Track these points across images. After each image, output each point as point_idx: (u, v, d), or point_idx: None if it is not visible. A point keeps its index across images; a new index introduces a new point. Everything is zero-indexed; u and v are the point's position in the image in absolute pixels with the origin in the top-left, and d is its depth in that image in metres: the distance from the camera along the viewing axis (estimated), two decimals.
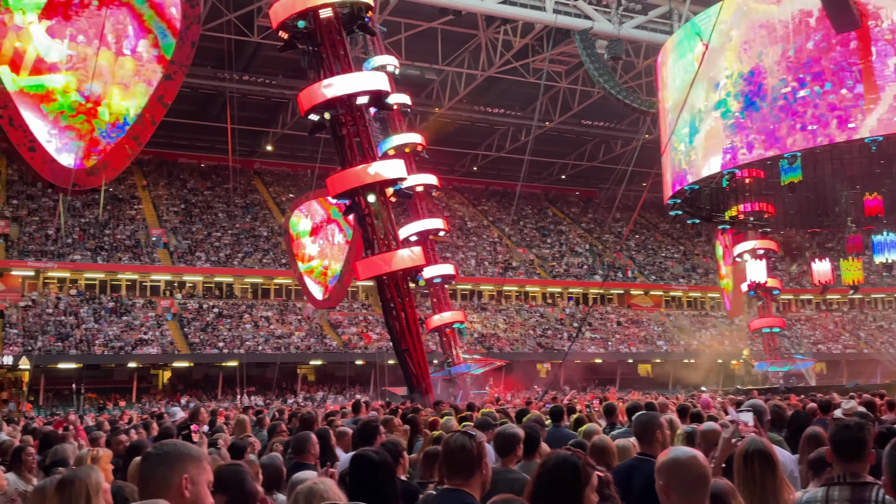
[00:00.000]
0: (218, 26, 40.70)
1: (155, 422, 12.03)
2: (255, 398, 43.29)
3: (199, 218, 56.41)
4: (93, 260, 48.47)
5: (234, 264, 52.36)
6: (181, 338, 45.38)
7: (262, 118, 57.36)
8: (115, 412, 35.09)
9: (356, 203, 23.40)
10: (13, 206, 50.87)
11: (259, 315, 49.61)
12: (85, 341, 42.54)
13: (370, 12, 24.05)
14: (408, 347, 23.06)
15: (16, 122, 20.12)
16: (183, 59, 22.08)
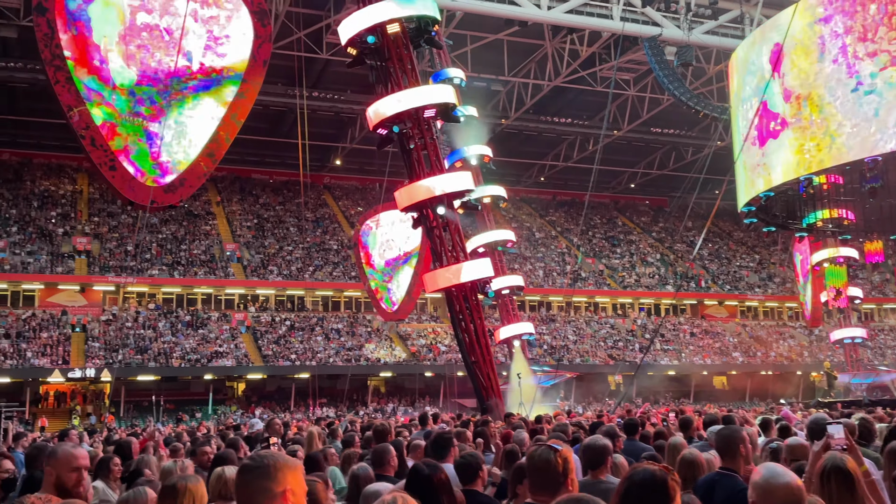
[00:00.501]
0: (288, 44, 41.55)
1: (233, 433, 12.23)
2: (327, 410, 43.77)
3: (271, 232, 57.52)
4: (170, 275, 49.85)
5: (305, 277, 53.17)
6: (255, 350, 46.25)
7: (331, 133, 58.24)
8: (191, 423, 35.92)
9: (424, 216, 23.49)
10: (94, 224, 52.74)
11: (330, 327, 50.23)
12: (163, 354, 43.73)
13: (436, 26, 24.18)
14: (477, 359, 22.98)
15: (97, 141, 20.82)
16: (255, 78, 22.55)
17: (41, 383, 42.11)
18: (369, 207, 47.34)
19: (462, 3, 40.31)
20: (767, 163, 31.05)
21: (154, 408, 41.18)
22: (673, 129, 60.78)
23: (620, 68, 49.19)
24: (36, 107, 50.37)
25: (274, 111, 53.01)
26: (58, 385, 42.81)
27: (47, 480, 3.95)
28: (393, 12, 22.08)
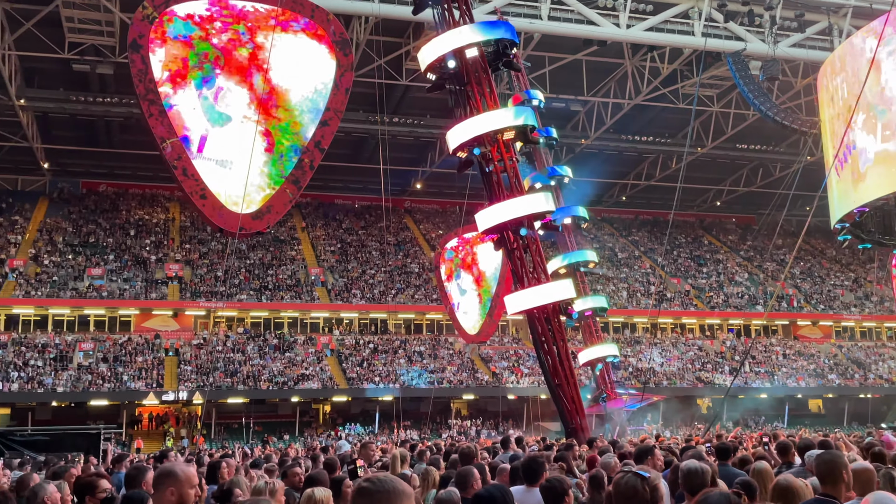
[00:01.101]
0: (369, 72, 42.30)
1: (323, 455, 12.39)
2: (411, 432, 43.92)
3: (354, 256, 58.41)
4: (258, 299, 51.10)
5: (388, 300, 53.70)
6: (339, 373, 46.88)
7: (411, 158, 58.97)
8: (279, 445, 36.59)
9: (504, 237, 23.46)
10: (186, 251, 54.59)
11: (412, 350, 50.53)
12: (251, 377, 44.77)
13: (515, 49, 24.26)
14: (561, 382, 22.70)
15: (189, 171, 21.60)
16: (338, 105, 23.05)
17: (137, 406, 43.63)
18: (450, 230, 47.62)
19: (540, 26, 40.40)
20: (862, 177, 29.94)
21: (244, 430, 42.17)
22: (760, 145, 59.23)
23: (703, 84, 48.36)
24: (131, 139, 52.69)
25: (356, 137, 54.05)
26: (152, 407, 44.27)
27: (167, 499, 4.04)
28: (471, 37, 22.26)
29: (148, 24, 20.67)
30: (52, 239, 53.13)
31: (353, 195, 64.46)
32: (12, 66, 44.09)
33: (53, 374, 42.26)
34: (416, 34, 43.37)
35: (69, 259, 51.25)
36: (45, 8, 39.90)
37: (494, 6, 37.42)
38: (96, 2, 39.31)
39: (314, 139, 23.28)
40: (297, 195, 24.51)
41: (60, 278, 49.00)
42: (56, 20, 40.84)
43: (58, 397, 41.66)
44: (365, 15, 40.05)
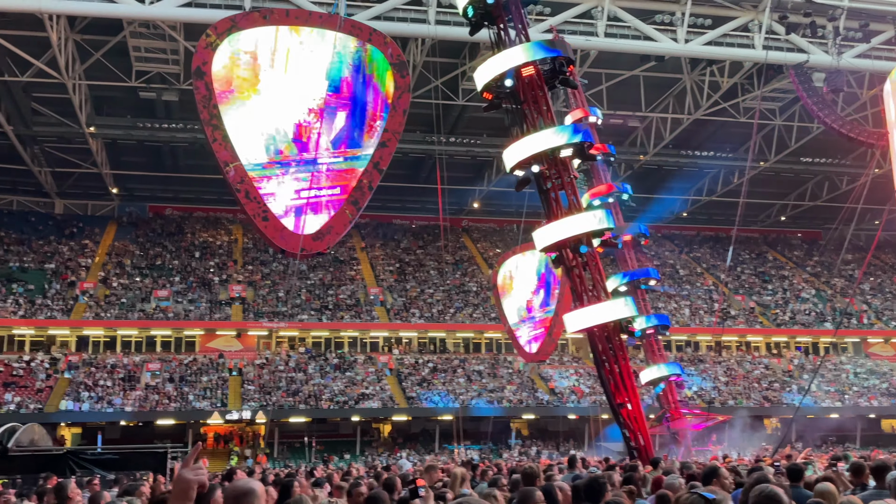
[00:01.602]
0: (426, 93, 42.72)
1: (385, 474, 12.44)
2: (471, 452, 43.73)
3: (412, 276, 58.71)
4: (318, 319, 51.69)
5: (446, 319, 53.78)
6: (399, 392, 47.02)
7: (468, 177, 59.17)
8: (340, 464, 36.81)
9: (563, 255, 23.32)
10: (248, 272, 55.61)
11: (471, 369, 50.43)
12: (313, 396, 45.21)
13: (571, 67, 24.22)
14: (623, 401, 22.39)
15: (251, 194, 22.07)
16: (396, 127, 23.33)
17: (202, 425, 44.41)
18: (507, 249, 47.54)
19: (596, 43, 40.27)
20: None
21: (306, 449, 42.58)
22: (825, 158, 57.79)
23: (765, 98, 47.49)
24: (195, 164, 54.08)
25: (413, 158, 54.52)
26: (217, 427, 45.02)
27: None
28: (528, 56, 22.30)
29: (211, 51, 21.26)
30: (120, 262, 54.69)
31: (411, 215, 64.90)
32: (82, 95, 45.73)
33: (122, 393, 43.36)
34: (471, 54, 43.65)
35: (137, 281, 52.66)
36: (113, 38, 41.34)
37: (550, 25, 37.43)
38: (162, 31, 40.58)
39: (373, 160, 23.57)
40: (357, 216, 24.81)
41: (128, 300, 50.36)
42: (123, 50, 42.27)
43: (126, 416, 42.69)
44: (421, 37, 40.47)
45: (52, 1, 35.72)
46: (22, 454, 22.53)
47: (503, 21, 22.90)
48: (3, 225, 55.68)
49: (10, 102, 46.15)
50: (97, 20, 39.82)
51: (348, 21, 23.87)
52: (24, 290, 49.53)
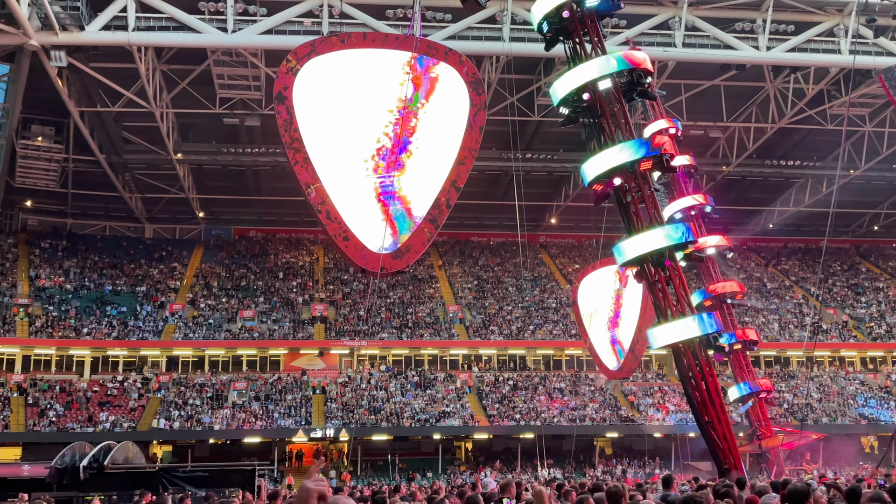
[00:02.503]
0: (501, 110, 42.74)
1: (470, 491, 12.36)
2: (554, 471, 43.20)
3: (490, 293, 58.60)
4: (398, 337, 52.07)
5: (526, 336, 53.43)
6: (480, 410, 46.86)
7: (545, 193, 58.84)
8: (423, 482, 36.84)
9: (645, 270, 22.90)
10: (330, 291, 56.48)
11: (552, 386, 49.90)
12: (395, 414, 45.47)
13: (649, 78, 23.87)
14: (711, 419, 21.76)
15: (332, 215, 22.42)
16: (472, 145, 23.38)
17: (287, 443, 45.17)
18: (587, 264, 47.00)
19: (674, 53, 39.67)
20: None
21: (390, 466, 42.80)
22: None
23: (854, 104, 45.84)
24: (277, 187, 55.35)
25: (489, 175, 54.53)
26: (301, 444, 45.70)
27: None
28: (604, 69, 22.08)
29: (292, 76, 21.76)
30: (207, 283, 56.29)
31: (489, 232, 64.88)
32: (170, 123, 47.45)
33: (210, 412, 44.47)
34: (547, 70, 43.52)
35: (223, 302, 54.08)
36: (197, 67, 42.83)
37: (627, 37, 37.02)
38: (244, 59, 41.81)
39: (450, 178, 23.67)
40: (435, 234, 24.92)
41: (215, 321, 51.75)
42: (208, 78, 43.71)
43: (215, 435, 43.76)
44: (496, 54, 40.58)
45: (140, 34, 37.25)
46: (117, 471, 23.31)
47: (579, 35, 22.75)
48: (96, 250, 58.04)
49: (103, 132, 48.23)
50: (182, 50, 41.36)
51: (424, 41, 24.13)
52: (117, 313, 51.44)
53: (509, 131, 38.02)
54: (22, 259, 54.86)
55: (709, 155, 53.15)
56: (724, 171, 54.49)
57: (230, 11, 37.10)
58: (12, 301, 50.09)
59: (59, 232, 58.91)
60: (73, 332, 48.83)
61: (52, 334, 48.29)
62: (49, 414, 42.97)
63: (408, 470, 44.32)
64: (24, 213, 58.44)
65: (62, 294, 52.31)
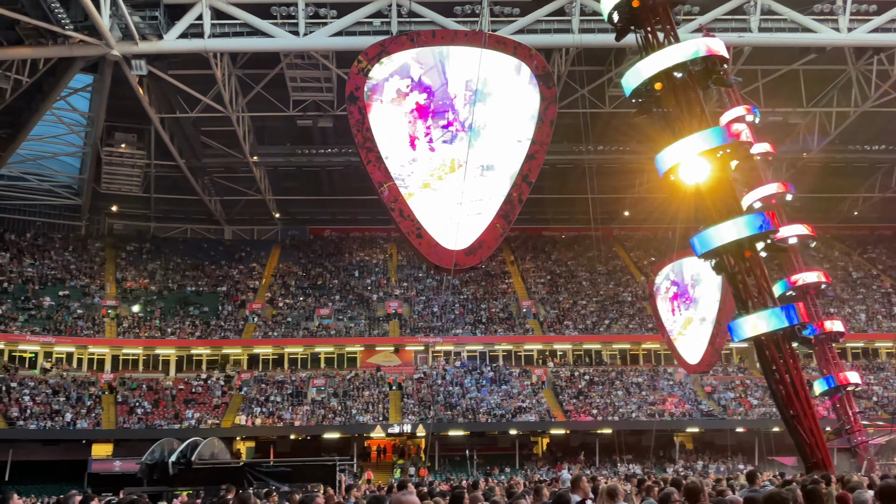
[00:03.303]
0: (572, 102, 42.39)
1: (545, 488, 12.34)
2: (633, 466, 42.68)
3: (564, 287, 58.18)
4: (472, 333, 52.17)
5: (601, 331, 52.88)
6: (556, 405, 46.60)
7: (618, 185, 58.03)
8: (500, 478, 36.85)
9: (725, 261, 22.38)
10: (404, 288, 56.96)
11: (630, 381, 49.27)
12: (471, 410, 45.59)
13: (724, 65, 23.30)
14: (797, 413, 21.14)
15: (405, 212, 22.63)
16: (543, 139, 23.27)
17: (365, 438, 45.78)
18: (662, 257, 46.21)
19: (750, 39, 38.65)
20: None
21: (468, 462, 42.95)
22: None
23: None
24: (350, 186, 56.12)
25: (561, 168, 54.11)
26: (379, 440, 46.25)
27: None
28: (678, 57, 21.63)
29: (363, 76, 22.03)
30: (285, 283, 57.46)
31: (561, 226, 64.37)
32: (245, 127, 48.61)
33: (291, 408, 45.41)
34: (618, 60, 42.96)
35: (300, 301, 55.12)
36: (271, 71, 43.74)
37: (700, 24, 36.24)
38: (316, 61, 42.50)
39: (521, 173, 23.61)
40: (507, 229, 24.90)
41: (293, 319, 52.79)
42: (281, 81, 44.60)
43: (295, 430, 44.66)
44: (566, 47, 40.23)
45: (215, 41, 38.25)
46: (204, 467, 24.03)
47: (650, 24, 22.35)
48: (178, 252, 59.88)
49: (182, 137, 49.72)
50: (256, 55, 42.29)
51: (493, 37, 24.12)
52: (200, 313, 52.97)
53: (580, 124, 37.68)
54: (109, 262, 56.99)
55: (788, 141, 51.56)
56: (805, 158, 52.82)
57: (301, 15, 37.76)
58: (101, 303, 52.10)
59: (143, 235, 61.00)
60: (159, 332, 50.52)
61: (138, 334, 50.06)
62: (138, 411, 44.57)
63: (485, 465, 44.39)
64: (110, 218, 60.73)
65: (147, 295, 54.15)
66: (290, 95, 45.88)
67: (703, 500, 7.93)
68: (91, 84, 46.61)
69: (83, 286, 53.50)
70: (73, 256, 56.48)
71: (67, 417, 42.94)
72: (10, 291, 50.77)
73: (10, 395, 43.51)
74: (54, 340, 47.58)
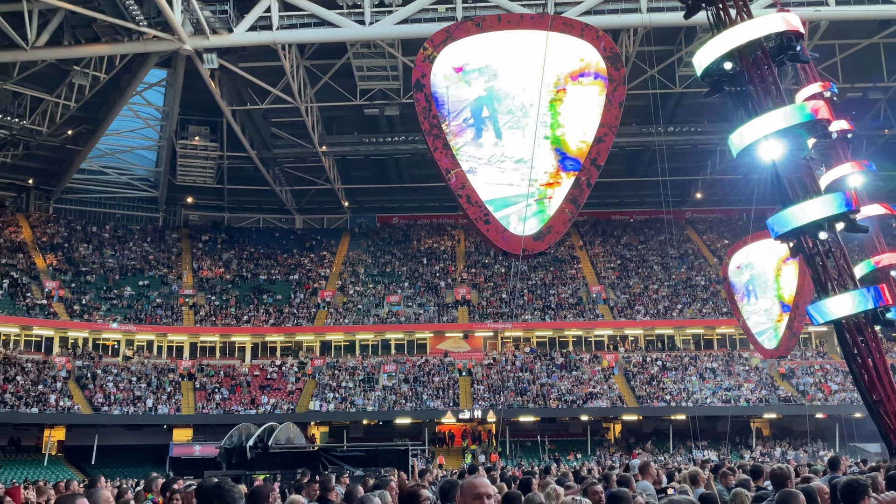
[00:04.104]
0: (640, 83, 41.65)
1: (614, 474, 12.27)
2: (708, 452, 41.98)
3: (634, 272, 57.40)
4: (541, 319, 51.96)
5: (674, 316, 52.03)
6: (628, 391, 46.12)
7: (689, 167, 56.90)
8: (573, 464, 36.72)
9: (802, 243, 21.73)
10: (472, 275, 57.05)
11: (704, 366, 48.39)
12: (541, 396, 45.48)
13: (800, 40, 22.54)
14: (880, 398, 20.43)
15: (472, 198, 22.59)
16: (612, 121, 22.90)
17: (436, 423, 46.14)
18: (736, 239, 45.14)
19: (827, 13, 37.32)
20: None
21: (539, 447, 42.91)
22: None
23: None
24: (418, 174, 56.39)
25: (630, 151, 53.31)
26: (450, 425, 46.56)
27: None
28: (751, 34, 21.00)
29: (429, 63, 22.04)
30: (355, 271, 58.19)
31: (630, 210, 63.51)
32: (314, 117, 49.26)
33: (363, 394, 46.07)
34: (688, 39, 42.02)
35: (370, 288, 55.76)
36: (338, 61, 44.17)
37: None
38: (381, 49, 42.74)
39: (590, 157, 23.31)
40: (576, 214, 24.64)
41: (364, 306, 53.45)
42: (348, 71, 45.01)
43: (368, 416, 45.31)
44: (634, 27, 39.54)
45: (283, 33, 38.82)
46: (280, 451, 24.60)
47: (723, 0, 21.76)
48: (251, 242, 61.20)
49: (253, 129, 50.69)
50: (324, 45, 42.79)
51: (559, 19, 23.85)
52: (273, 301, 54.09)
53: (650, 105, 37.01)
54: (185, 252, 58.62)
55: (868, 118, 49.68)
56: (886, 135, 50.80)
57: (367, 4, 38.03)
58: (179, 292, 53.67)
59: (218, 226, 62.50)
60: (234, 319, 51.77)
61: (215, 322, 51.39)
62: (216, 397, 45.84)
63: (557, 451, 44.28)
64: (185, 209, 62.41)
65: (223, 284, 55.53)
66: (357, 85, 46.28)
67: (790, 485, 7.78)
68: (165, 78, 47.97)
69: (161, 276, 55.19)
70: (152, 247, 58.27)
71: (149, 403, 44.46)
72: (92, 282, 52.70)
73: (96, 381, 45.26)
74: (135, 329, 49.26)
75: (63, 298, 49.37)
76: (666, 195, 46.43)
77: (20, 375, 43.72)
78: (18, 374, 43.83)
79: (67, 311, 48.55)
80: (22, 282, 49.35)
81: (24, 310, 47.22)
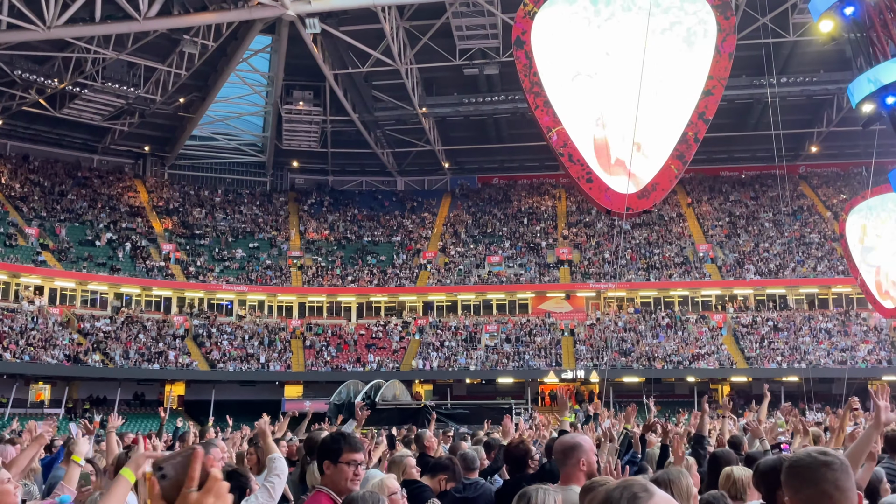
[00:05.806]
0: (752, 32, 39.85)
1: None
2: (822, 415, 40.56)
3: (744, 230, 55.54)
4: (646, 279, 51.06)
5: (786, 274, 50.15)
6: (737, 352, 44.96)
7: (803, 119, 54.32)
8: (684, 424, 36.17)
9: None
10: (574, 234, 56.46)
11: (818, 327, 46.61)
12: (645, 356, 44.88)
13: None
14: None
15: (574, 157, 22.24)
16: (721, 73, 22.00)
17: (539, 383, 46.28)
18: (854, 194, 42.94)
19: None
20: None
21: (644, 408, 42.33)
22: None
23: None
24: (517, 133, 55.94)
25: (739, 104, 51.24)
26: (553, 385, 46.61)
27: (577, 468, 4.38)
28: None
29: (529, 19, 21.68)
30: (455, 231, 58.53)
31: (740, 165, 61.27)
32: (414, 79, 49.39)
33: (465, 353, 46.58)
34: None
35: (471, 248, 56.02)
36: (437, 21, 44.02)
37: None
38: (481, 7, 42.32)
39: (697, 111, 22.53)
40: (682, 170, 23.92)
41: (465, 267, 53.79)
42: (447, 31, 44.81)
43: (470, 374, 45.85)
44: None
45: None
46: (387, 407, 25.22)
47: None
48: (355, 204, 62.34)
49: (355, 92, 51.32)
50: (423, 6, 42.68)
51: None
52: (377, 262, 55.11)
53: (762, 55, 35.30)
54: (293, 215, 60.29)
55: None
56: None
57: None
58: (287, 253, 55.36)
59: (323, 189, 63.91)
60: (340, 280, 53.06)
61: (321, 283, 52.83)
62: (324, 355, 47.30)
63: (664, 412, 43.70)
64: (291, 173, 64.04)
65: (328, 246, 56.93)
66: (457, 45, 46.06)
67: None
68: (269, 45, 49.01)
69: (270, 238, 57.01)
70: (261, 210, 60.17)
71: (261, 360, 46.30)
72: (206, 245, 54.95)
73: (211, 339, 47.41)
74: (247, 289, 51.19)
75: (179, 260, 51.72)
76: (779, 149, 44.37)
77: (142, 333, 46.26)
78: (140, 331, 46.38)
79: (183, 272, 50.86)
80: (141, 245, 51.94)
81: (144, 271, 49.74)
